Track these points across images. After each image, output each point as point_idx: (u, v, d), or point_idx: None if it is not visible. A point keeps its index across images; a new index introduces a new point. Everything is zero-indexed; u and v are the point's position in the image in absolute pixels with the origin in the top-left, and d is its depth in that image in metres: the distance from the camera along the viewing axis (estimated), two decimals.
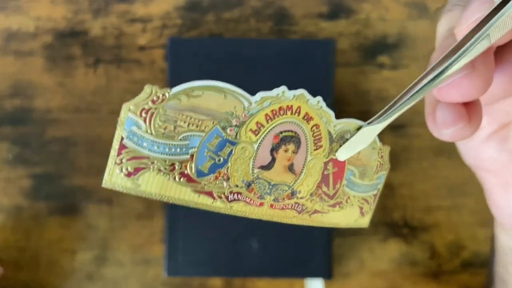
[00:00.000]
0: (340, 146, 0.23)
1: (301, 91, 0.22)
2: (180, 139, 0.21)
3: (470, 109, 0.22)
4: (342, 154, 0.23)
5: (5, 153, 0.38)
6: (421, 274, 0.39)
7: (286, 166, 0.22)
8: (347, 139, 0.23)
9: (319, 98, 0.22)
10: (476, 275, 0.39)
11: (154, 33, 0.38)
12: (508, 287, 0.30)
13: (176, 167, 0.21)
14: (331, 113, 0.23)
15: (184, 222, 0.37)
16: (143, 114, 0.20)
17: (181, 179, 0.21)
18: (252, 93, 0.21)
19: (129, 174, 0.20)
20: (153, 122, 0.20)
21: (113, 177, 0.20)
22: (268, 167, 0.22)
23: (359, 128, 0.23)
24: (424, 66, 0.37)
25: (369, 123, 0.23)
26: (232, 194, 0.22)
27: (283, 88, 0.22)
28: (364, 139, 0.23)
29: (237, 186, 0.22)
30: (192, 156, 0.21)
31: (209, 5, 0.38)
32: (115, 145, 0.20)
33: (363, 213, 0.26)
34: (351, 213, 0.25)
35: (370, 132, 0.23)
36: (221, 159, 0.21)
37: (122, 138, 0.20)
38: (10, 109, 0.38)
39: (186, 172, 0.21)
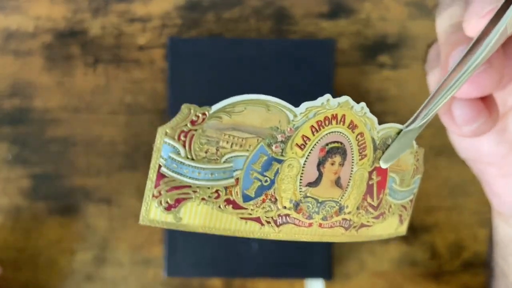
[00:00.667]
0: (383, 152, 0.22)
1: (345, 98, 0.20)
2: (224, 161, 0.19)
3: (487, 103, 0.22)
4: (386, 161, 0.22)
5: (4, 153, 0.38)
6: (421, 274, 0.39)
7: (333, 180, 0.21)
8: (388, 145, 0.22)
9: (363, 104, 0.21)
10: (477, 276, 0.39)
11: (153, 33, 0.38)
12: (509, 279, 0.30)
13: (221, 194, 0.19)
14: (374, 119, 0.22)
15: None
16: (182, 138, 0.18)
17: (227, 207, 0.19)
18: (253, 93, 0.20)
19: (169, 207, 0.18)
20: (193, 146, 0.18)
21: (151, 212, 0.18)
22: (315, 183, 0.21)
23: (399, 132, 0.22)
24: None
25: (407, 126, 0.22)
26: (280, 217, 0.20)
27: (328, 96, 0.20)
28: (405, 143, 0.22)
29: (285, 207, 0.20)
30: (237, 179, 0.19)
31: (209, 4, 0.38)
32: (152, 175, 0.18)
33: (402, 220, 0.25)
34: (392, 222, 0.24)
35: (410, 135, 0.22)
36: (268, 179, 0.20)
37: (160, 167, 0.18)
38: (9, 109, 0.38)
39: (231, 198, 0.19)
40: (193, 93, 0.37)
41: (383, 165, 0.22)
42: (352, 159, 0.21)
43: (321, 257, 0.38)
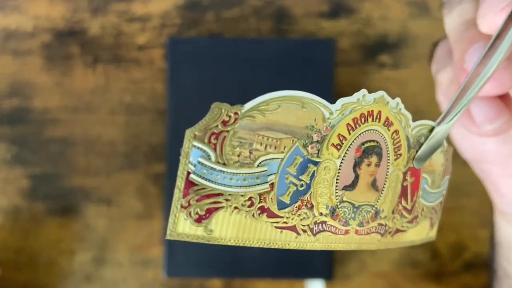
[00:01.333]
0: (417, 152, 0.21)
1: (381, 93, 0.20)
2: (257, 165, 0.17)
3: (505, 102, 0.21)
4: (419, 161, 0.21)
5: (3, 153, 0.38)
6: (422, 275, 0.39)
7: (369, 182, 0.20)
8: (422, 144, 0.21)
9: (398, 99, 0.20)
10: (478, 276, 0.39)
11: (153, 33, 0.38)
12: None
13: (255, 201, 0.18)
14: (409, 116, 0.21)
15: None
16: (212, 140, 0.17)
17: (261, 216, 0.18)
18: (252, 94, 0.19)
19: (199, 219, 0.17)
20: (225, 149, 0.17)
21: (179, 226, 0.17)
22: (352, 186, 0.19)
23: (431, 130, 0.21)
24: (426, 65, 0.36)
25: (438, 123, 0.21)
26: (316, 225, 0.19)
27: (363, 91, 0.19)
28: (437, 142, 0.21)
29: (321, 214, 0.19)
30: (271, 185, 0.18)
31: (208, 4, 0.38)
32: (180, 183, 0.17)
33: (432, 224, 0.24)
34: (424, 226, 0.23)
35: (441, 133, 0.21)
36: (303, 184, 0.18)
37: (189, 174, 0.17)
38: (8, 109, 0.38)
39: (266, 206, 0.18)
40: (192, 93, 0.37)
41: (417, 165, 0.21)
42: (388, 159, 0.20)
43: (321, 258, 0.37)
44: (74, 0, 0.38)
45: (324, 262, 0.37)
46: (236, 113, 0.17)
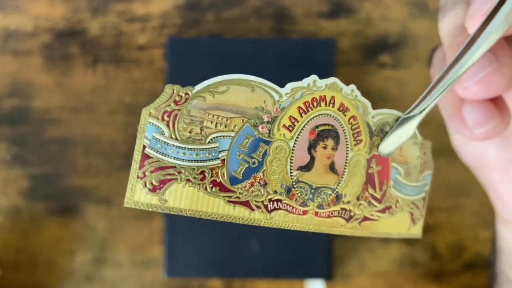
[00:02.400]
0: (381, 140, 0.22)
1: (333, 80, 0.20)
2: (208, 142, 0.19)
3: (497, 105, 0.21)
4: (384, 149, 0.22)
5: (3, 154, 0.38)
6: (422, 275, 0.39)
7: (327, 165, 0.20)
8: (387, 132, 0.22)
9: (353, 86, 0.21)
10: (478, 276, 0.39)
11: (153, 33, 0.38)
12: None
13: (207, 175, 0.19)
14: (367, 103, 0.21)
15: (184, 223, 0.37)
16: (166, 118, 0.18)
17: (213, 189, 0.19)
18: None
19: (154, 189, 0.18)
20: (177, 126, 0.18)
21: (136, 194, 0.18)
22: (307, 167, 0.20)
23: (397, 119, 0.22)
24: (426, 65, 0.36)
25: (407, 114, 0.21)
26: (271, 203, 0.20)
27: (314, 77, 0.20)
28: (404, 132, 0.22)
29: (276, 192, 0.20)
30: (223, 160, 0.19)
31: (209, 4, 0.38)
32: (136, 156, 0.18)
33: (414, 220, 0.24)
34: (402, 220, 0.23)
35: (410, 123, 0.21)
36: (255, 161, 0.19)
37: (144, 147, 0.18)
38: (8, 109, 0.38)
39: (218, 180, 0.19)
40: None
41: (382, 153, 0.22)
42: (347, 144, 0.21)
43: (321, 258, 0.37)
44: (74, 0, 0.38)
45: (324, 262, 0.37)
46: (187, 94, 0.19)
